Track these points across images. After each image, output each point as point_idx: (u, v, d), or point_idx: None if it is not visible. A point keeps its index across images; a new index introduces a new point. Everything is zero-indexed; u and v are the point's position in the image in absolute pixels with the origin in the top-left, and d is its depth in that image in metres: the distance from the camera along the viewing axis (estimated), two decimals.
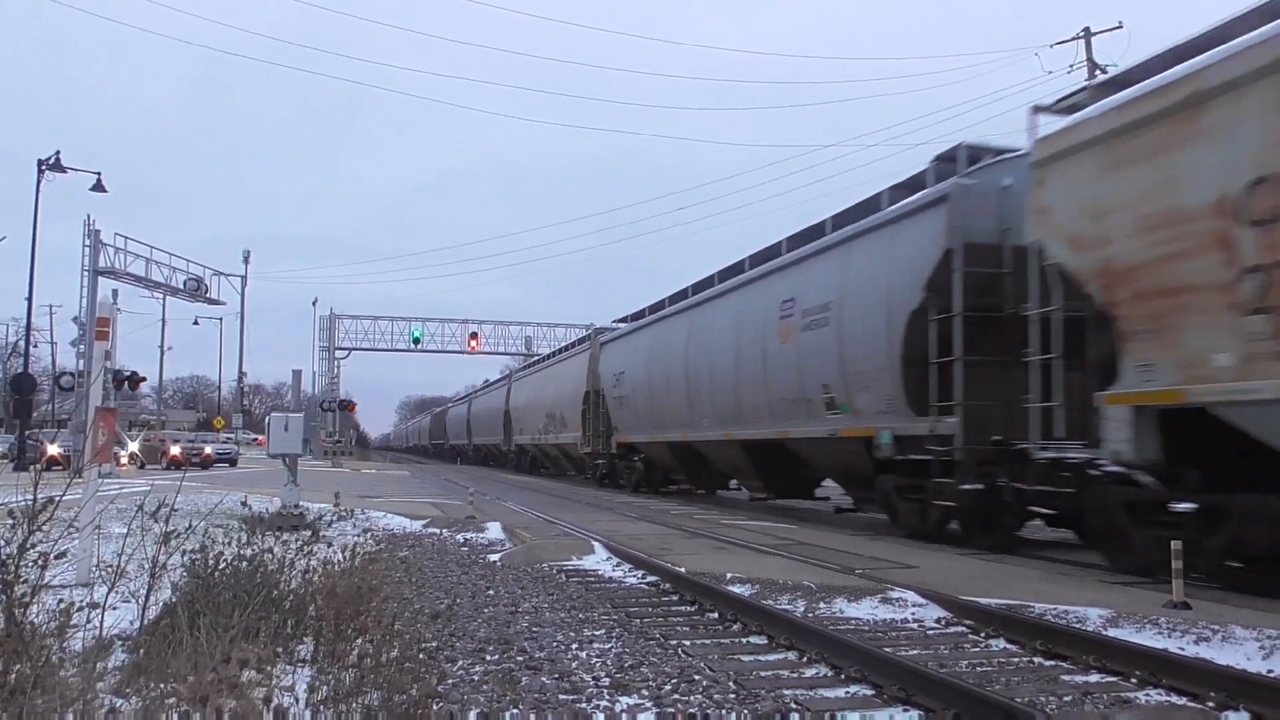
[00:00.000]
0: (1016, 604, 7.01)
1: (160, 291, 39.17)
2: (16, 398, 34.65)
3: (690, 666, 5.28)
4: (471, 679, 4.87)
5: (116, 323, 33.93)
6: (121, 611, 4.80)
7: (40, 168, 29.54)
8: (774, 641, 5.98)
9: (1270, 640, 5.65)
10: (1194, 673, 4.93)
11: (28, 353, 38.12)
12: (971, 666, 5.38)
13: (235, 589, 4.77)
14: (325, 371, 56.79)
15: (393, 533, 12.56)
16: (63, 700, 3.23)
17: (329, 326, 57.04)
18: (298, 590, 5.28)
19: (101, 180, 31.19)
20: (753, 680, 5.03)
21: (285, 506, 12.62)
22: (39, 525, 3.93)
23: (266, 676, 3.88)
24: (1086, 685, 4.99)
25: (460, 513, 15.64)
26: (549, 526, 14.11)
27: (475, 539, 12.10)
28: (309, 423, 14.96)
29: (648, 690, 4.78)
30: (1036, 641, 5.79)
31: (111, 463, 17.91)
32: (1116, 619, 6.44)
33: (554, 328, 58.01)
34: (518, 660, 5.33)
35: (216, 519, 6.74)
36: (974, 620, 6.51)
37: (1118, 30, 26.61)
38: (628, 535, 12.43)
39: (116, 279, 33.19)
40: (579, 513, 17.03)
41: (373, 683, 4.17)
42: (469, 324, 58.54)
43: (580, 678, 4.98)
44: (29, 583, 3.88)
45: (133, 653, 4.36)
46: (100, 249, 31.48)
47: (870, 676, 4.96)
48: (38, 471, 4.16)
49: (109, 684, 3.84)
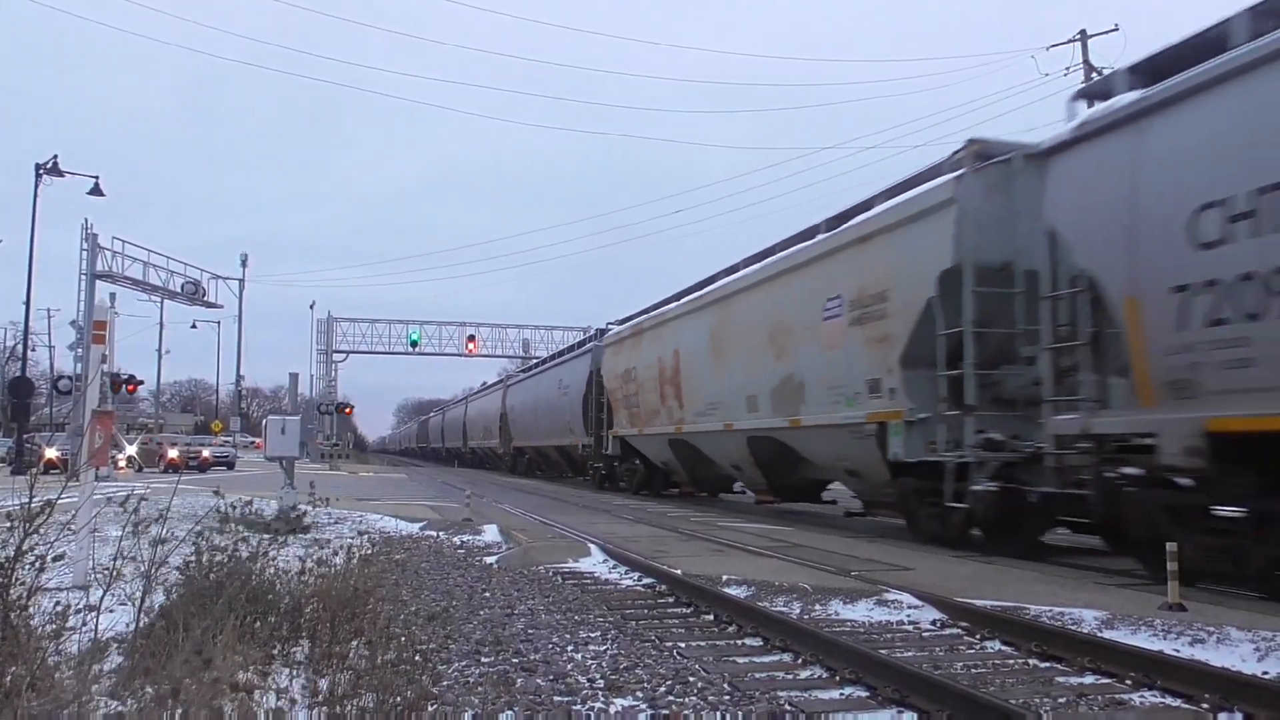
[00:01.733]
0: (1012, 606, 7.02)
1: (158, 295, 39.22)
2: (14, 401, 34.63)
3: (685, 668, 5.28)
4: (467, 681, 4.88)
5: (114, 326, 33.86)
6: (118, 614, 4.81)
7: (38, 172, 29.54)
8: (769, 643, 5.99)
9: (1265, 642, 5.66)
10: (1189, 674, 4.93)
11: (25, 356, 38.15)
12: (967, 668, 5.39)
13: (230, 591, 4.77)
14: (323, 374, 56.83)
15: (389, 535, 12.55)
16: (58, 702, 3.23)
17: (327, 329, 57.03)
18: (294, 592, 5.28)
19: (99, 184, 31.23)
20: (748, 682, 5.04)
21: (282, 509, 12.61)
22: (36, 528, 3.94)
23: (262, 678, 3.89)
24: (1081, 687, 5.00)
25: (457, 515, 15.64)
26: (545, 529, 14.12)
27: (472, 541, 12.10)
28: (306, 426, 14.95)
29: (642, 692, 4.78)
30: (1032, 643, 5.80)
31: (109, 466, 17.88)
32: (1112, 621, 6.45)
33: (552, 330, 58.08)
34: (513, 662, 5.34)
35: (213, 521, 6.73)
36: (969, 622, 6.52)
37: (1114, 33, 26.70)
38: (624, 537, 12.43)
39: (114, 282, 33.19)
40: (575, 515, 17.04)
41: (368, 685, 4.18)
42: (466, 327, 58.55)
43: (575, 679, 4.99)
44: (25, 585, 3.89)
45: (128, 656, 4.36)
46: (98, 252, 31.48)
47: (865, 678, 4.96)
48: (34, 474, 4.17)
49: (104, 686, 3.85)
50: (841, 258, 13.66)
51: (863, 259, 13.05)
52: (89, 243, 31.17)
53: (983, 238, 10.87)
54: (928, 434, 11.50)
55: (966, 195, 10.99)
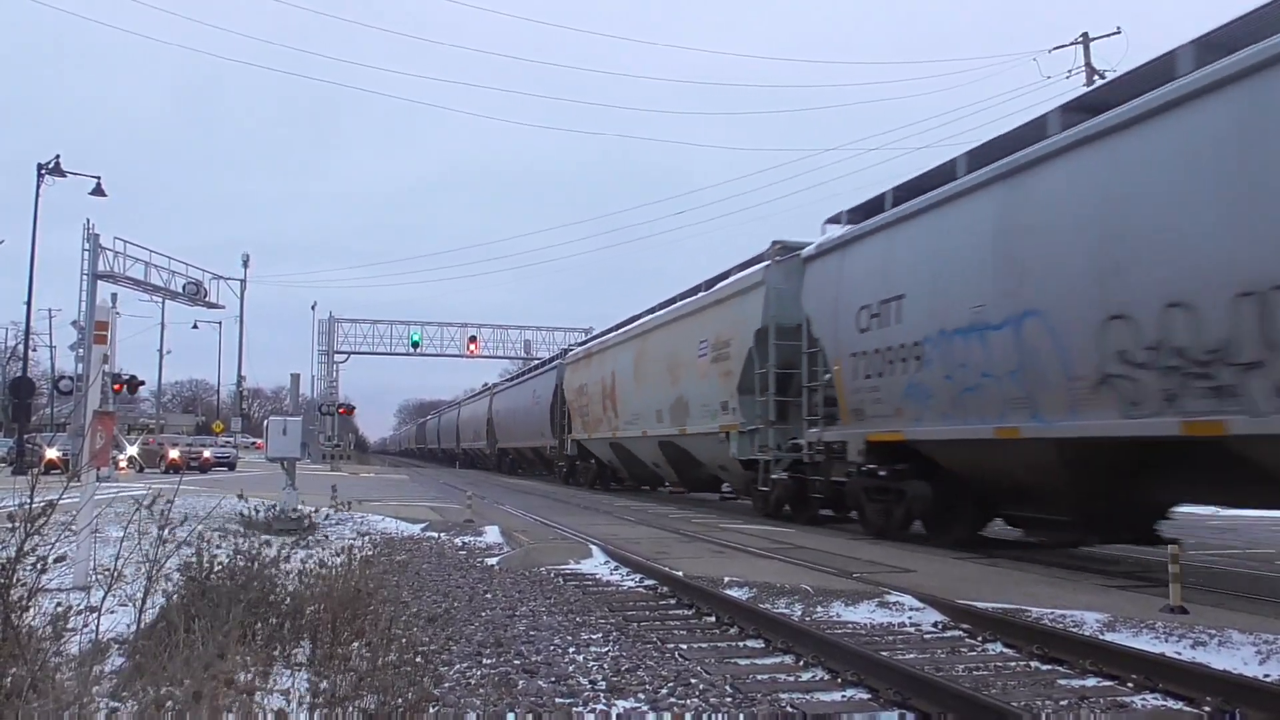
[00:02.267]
0: (1013, 607, 7.02)
1: (159, 295, 39.19)
2: (15, 401, 34.64)
3: (687, 670, 5.28)
4: (468, 682, 4.88)
5: (115, 326, 33.88)
6: (118, 615, 4.80)
7: (40, 172, 29.56)
8: (771, 645, 5.99)
9: (1267, 644, 5.65)
10: (1191, 677, 4.93)
11: (27, 356, 38.18)
12: (968, 670, 5.39)
13: (231, 592, 4.77)
14: (324, 375, 56.82)
15: (390, 536, 12.55)
16: (59, 704, 3.23)
17: (328, 330, 57.02)
18: (295, 593, 5.28)
19: (101, 184, 31.24)
20: (749, 684, 5.03)
21: (283, 509, 12.61)
22: (36, 528, 3.94)
23: (263, 679, 3.88)
24: (1083, 689, 5.00)
25: (458, 516, 15.63)
26: (547, 530, 14.11)
27: (473, 542, 12.10)
28: (308, 427, 14.94)
29: (644, 694, 4.78)
30: (1033, 645, 5.79)
31: (110, 466, 17.88)
32: (1113, 623, 6.44)
33: (553, 331, 58.06)
34: (514, 664, 5.33)
35: (214, 522, 6.74)
36: (971, 624, 6.52)
37: (1115, 36, 26.70)
38: (625, 539, 12.43)
39: (115, 283, 33.19)
40: (576, 516, 17.03)
41: (370, 686, 4.18)
42: (468, 327, 58.49)
43: (577, 681, 4.98)
44: (26, 586, 3.89)
45: (129, 657, 4.36)
46: (99, 253, 31.45)
47: (867, 680, 4.96)
48: (35, 475, 4.17)
49: (105, 688, 3.84)
50: (707, 313, 18.96)
51: (717, 316, 18.32)
52: (90, 243, 31.15)
53: (781, 308, 15.61)
54: (756, 440, 16.21)
55: (771, 279, 16.00)
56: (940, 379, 10.86)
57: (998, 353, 9.89)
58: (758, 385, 16.08)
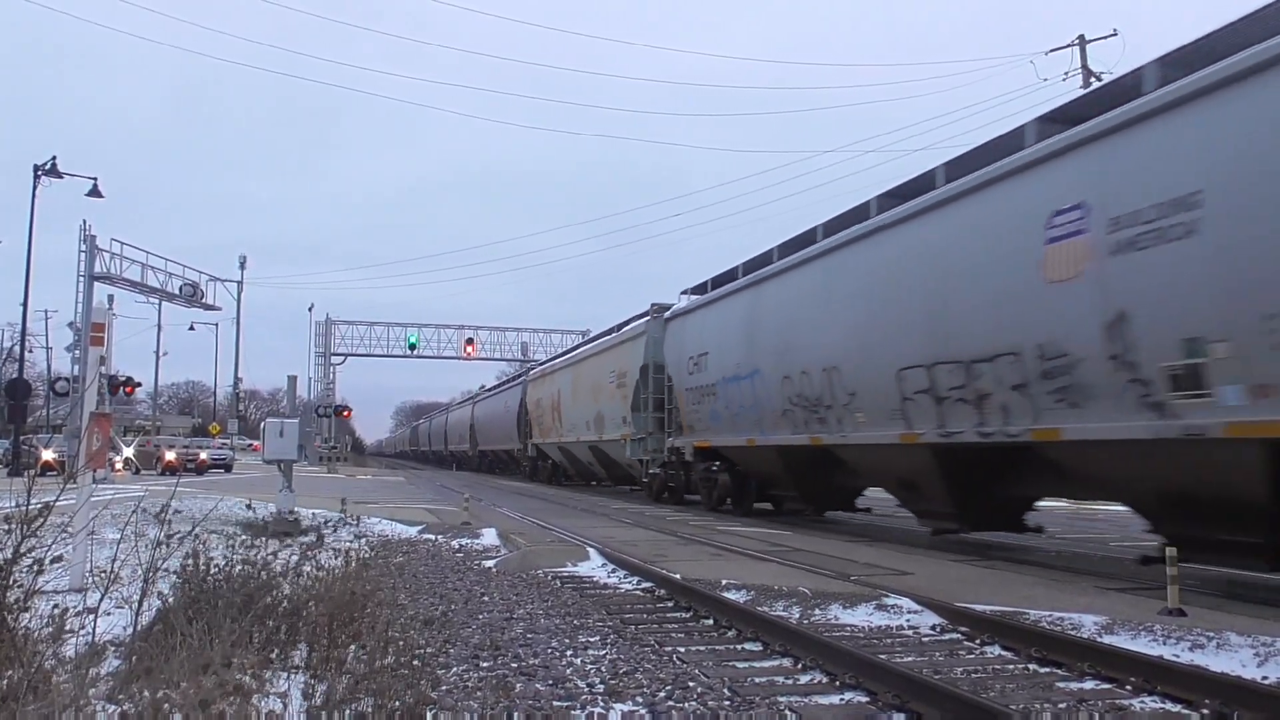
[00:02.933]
0: (1011, 610, 7.02)
1: (156, 297, 39.15)
2: (11, 403, 34.54)
3: (685, 673, 5.27)
4: (466, 685, 4.86)
5: (112, 328, 33.69)
6: (115, 617, 4.79)
7: (36, 173, 29.49)
8: (769, 648, 5.98)
9: (1265, 647, 5.65)
10: (1189, 680, 4.92)
11: (23, 358, 38.15)
12: (966, 673, 5.38)
13: (228, 595, 4.76)
14: (321, 377, 56.75)
15: (387, 539, 12.53)
16: (55, 706, 3.22)
17: (325, 332, 56.96)
18: (292, 596, 5.26)
19: (98, 185, 31.19)
20: (747, 687, 5.02)
21: (280, 512, 12.60)
22: (33, 530, 3.92)
23: (259, 682, 3.87)
24: (1081, 692, 4.99)
25: (455, 519, 15.62)
26: (544, 532, 14.10)
27: (470, 545, 12.08)
28: (304, 428, 14.92)
29: (642, 697, 4.77)
30: (1031, 648, 5.79)
31: (106, 468, 17.81)
32: (1111, 625, 6.44)
33: (550, 334, 58.06)
34: (512, 667, 5.33)
35: (211, 524, 6.72)
36: (969, 627, 6.51)
37: (1112, 38, 26.78)
38: (622, 541, 12.42)
39: (112, 284, 33.08)
40: (573, 518, 17.03)
41: (366, 689, 4.16)
42: (465, 329, 58.40)
43: (574, 684, 4.97)
44: (23, 588, 3.88)
45: (126, 659, 4.34)
46: (96, 254, 31.38)
47: (865, 683, 4.95)
48: (31, 476, 4.15)
49: (101, 690, 3.83)
50: (614, 350, 25.25)
51: (619, 353, 24.63)
52: (87, 244, 31.08)
53: (655, 351, 21.69)
54: (646, 446, 22.31)
55: (650, 330, 22.19)
56: (724, 408, 17.26)
57: (746, 394, 16.22)
58: (642, 405, 22.32)
